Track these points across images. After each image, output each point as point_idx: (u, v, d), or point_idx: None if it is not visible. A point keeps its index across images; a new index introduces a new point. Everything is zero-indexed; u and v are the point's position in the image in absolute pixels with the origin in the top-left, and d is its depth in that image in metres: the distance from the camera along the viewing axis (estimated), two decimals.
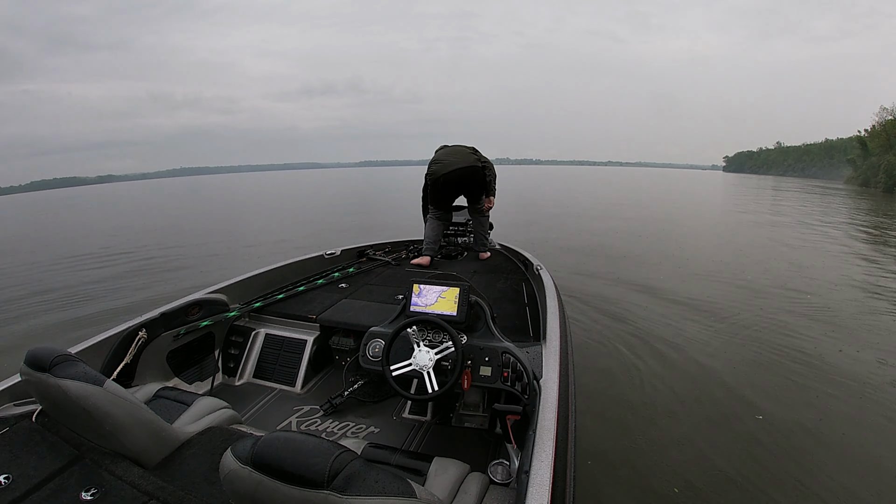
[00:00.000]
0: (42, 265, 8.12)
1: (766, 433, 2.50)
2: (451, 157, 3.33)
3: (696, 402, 2.84)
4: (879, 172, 31.85)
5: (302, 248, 7.59)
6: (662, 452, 2.34)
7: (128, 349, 1.83)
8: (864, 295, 5.22)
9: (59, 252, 9.48)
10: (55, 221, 19.21)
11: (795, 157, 79.00)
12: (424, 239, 3.45)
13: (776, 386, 3.04)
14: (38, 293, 5.96)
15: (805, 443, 2.43)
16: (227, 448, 0.78)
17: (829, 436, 2.49)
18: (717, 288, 5.40)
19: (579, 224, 11.36)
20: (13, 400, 1.40)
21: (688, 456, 2.32)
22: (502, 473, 1.32)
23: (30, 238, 13.32)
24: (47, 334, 4.37)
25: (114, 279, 6.67)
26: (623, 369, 3.27)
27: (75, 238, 12.28)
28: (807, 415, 2.69)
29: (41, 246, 11.05)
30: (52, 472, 1.07)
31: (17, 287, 6.43)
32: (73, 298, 5.65)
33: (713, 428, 2.57)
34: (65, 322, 4.73)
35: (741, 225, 11.74)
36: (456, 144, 3.45)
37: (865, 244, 8.98)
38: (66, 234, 14.01)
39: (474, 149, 3.39)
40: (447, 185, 3.33)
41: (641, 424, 2.59)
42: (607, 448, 2.37)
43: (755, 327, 4.09)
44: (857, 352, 3.57)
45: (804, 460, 2.28)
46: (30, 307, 5.36)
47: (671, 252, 7.63)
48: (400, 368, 1.63)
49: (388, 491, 0.71)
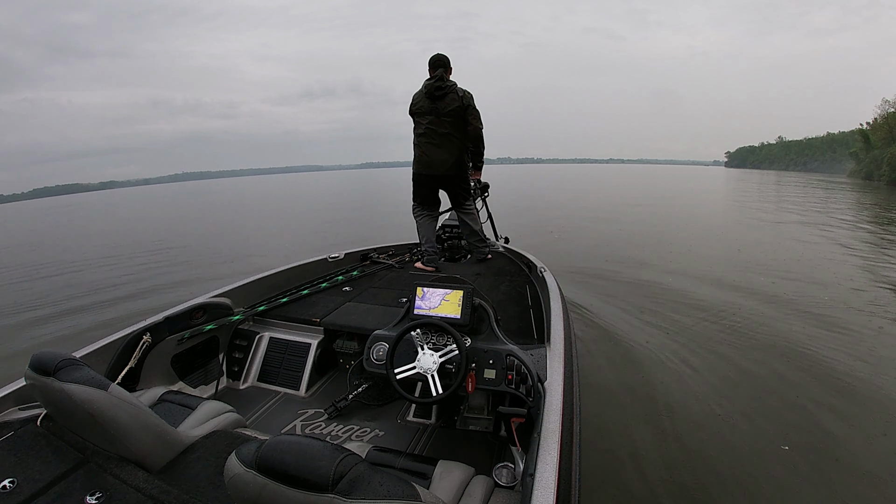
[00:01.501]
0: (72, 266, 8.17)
1: (787, 455, 2.33)
2: (432, 151, 3.13)
3: (698, 403, 2.81)
4: (883, 165, 31.64)
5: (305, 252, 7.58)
6: (670, 457, 2.31)
7: (132, 353, 1.83)
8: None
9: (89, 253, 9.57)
10: (86, 225, 19.15)
11: (797, 151, 78.64)
12: (421, 240, 3.40)
13: (786, 403, 2.83)
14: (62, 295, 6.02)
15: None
16: (232, 452, 0.78)
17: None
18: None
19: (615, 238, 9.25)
20: (18, 404, 1.41)
21: (694, 459, 2.29)
22: (507, 476, 1.31)
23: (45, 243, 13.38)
24: (52, 338, 4.39)
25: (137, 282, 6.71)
26: (630, 371, 3.25)
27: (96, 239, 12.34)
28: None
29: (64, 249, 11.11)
30: (56, 476, 1.08)
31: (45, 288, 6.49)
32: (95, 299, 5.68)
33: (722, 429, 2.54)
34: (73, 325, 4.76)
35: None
36: (435, 87, 3.01)
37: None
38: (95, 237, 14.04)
39: (460, 108, 2.99)
40: (427, 184, 3.22)
41: (653, 428, 2.55)
42: (613, 451, 2.34)
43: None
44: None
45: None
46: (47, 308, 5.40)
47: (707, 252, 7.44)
48: (404, 371, 1.63)
49: (393, 494, 0.70)
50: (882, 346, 3.55)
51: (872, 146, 36.39)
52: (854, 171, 39.66)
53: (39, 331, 4.66)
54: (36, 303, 5.76)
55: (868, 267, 6.29)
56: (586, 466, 1.76)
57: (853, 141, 46.21)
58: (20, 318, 5.17)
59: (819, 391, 2.90)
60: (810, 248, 7.71)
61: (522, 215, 12.71)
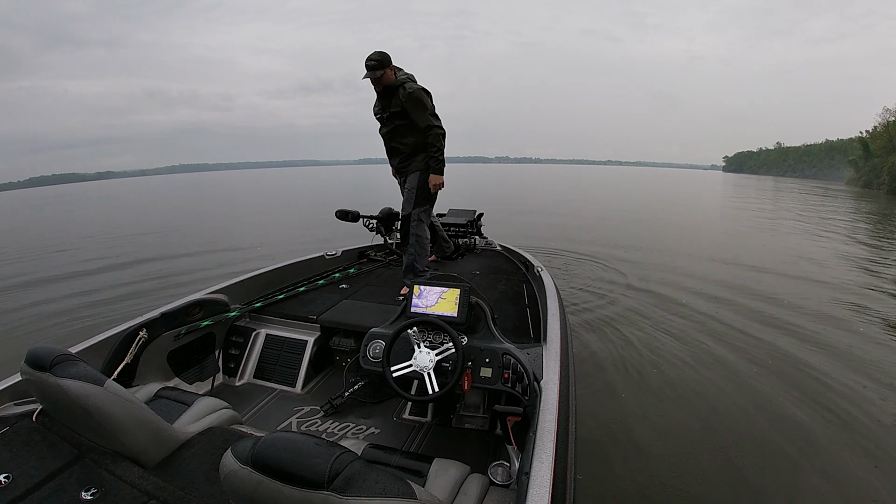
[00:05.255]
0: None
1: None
2: (390, 155, 2.97)
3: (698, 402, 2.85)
4: (883, 174, 31.65)
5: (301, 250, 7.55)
6: (663, 455, 2.34)
7: (128, 349, 1.83)
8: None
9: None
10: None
11: (795, 157, 78.86)
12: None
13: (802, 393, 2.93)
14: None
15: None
16: (228, 448, 0.78)
17: None
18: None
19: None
20: (13, 399, 1.41)
21: (687, 457, 2.32)
22: (502, 475, 1.31)
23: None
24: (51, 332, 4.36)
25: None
26: (628, 370, 3.27)
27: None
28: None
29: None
30: (52, 471, 1.07)
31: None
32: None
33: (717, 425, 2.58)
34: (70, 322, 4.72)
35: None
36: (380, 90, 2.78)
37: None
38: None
39: (410, 96, 2.69)
40: (402, 185, 3.03)
41: (647, 428, 2.59)
42: (608, 450, 2.37)
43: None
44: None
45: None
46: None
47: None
48: (400, 369, 1.63)
49: (389, 492, 0.71)
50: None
51: (872, 154, 36.46)
52: (852, 179, 39.77)
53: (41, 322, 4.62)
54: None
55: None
56: (581, 465, 1.77)
57: (851, 149, 46.32)
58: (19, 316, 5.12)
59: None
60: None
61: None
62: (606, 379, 3.13)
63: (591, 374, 3.16)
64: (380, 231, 3.66)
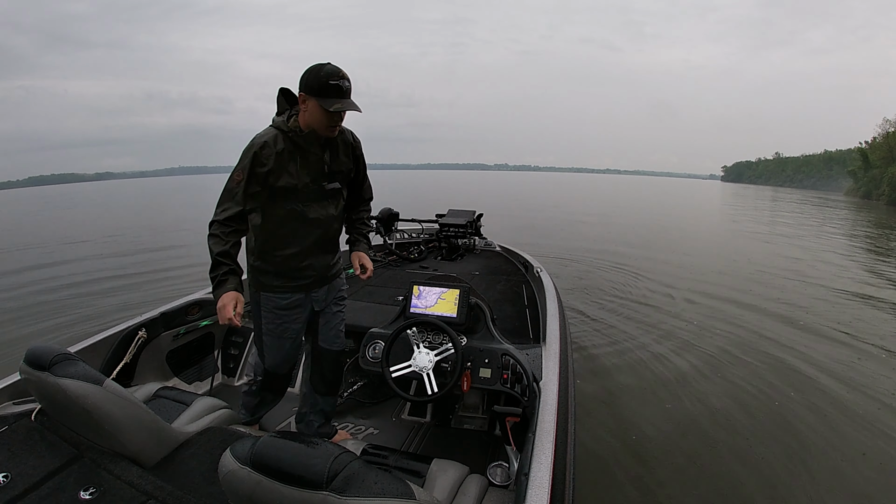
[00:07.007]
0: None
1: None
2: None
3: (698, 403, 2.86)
4: (883, 185, 31.67)
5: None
6: (663, 455, 2.35)
7: (127, 349, 1.82)
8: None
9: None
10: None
11: (794, 167, 79.11)
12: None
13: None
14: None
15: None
16: (227, 448, 0.78)
17: None
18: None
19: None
20: (12, 398, 1.40)
21: (687, 455, 2.33)
22: (501, 475, 1.32)
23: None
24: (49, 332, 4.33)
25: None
26: (628, 371, 3.28)
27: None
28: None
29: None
30: (50, 470, 1.07)
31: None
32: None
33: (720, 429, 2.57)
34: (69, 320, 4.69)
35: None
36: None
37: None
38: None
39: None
40: None
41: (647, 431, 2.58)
42: (608, 450, 2.37)
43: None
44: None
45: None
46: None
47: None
48: (400, 370, 1.63)
49: (388, 492, 0.71)
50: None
51: (871, 165, 36.54)
52: (851, 190, 39.81)
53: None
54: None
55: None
56: (580, 466, 1.77)
57: (850, 159, 46.42)
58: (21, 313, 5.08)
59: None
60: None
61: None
62: (606, 379, 3.14)
63: (590, 375, 3.17)
64: (379, 231, 3.66)
